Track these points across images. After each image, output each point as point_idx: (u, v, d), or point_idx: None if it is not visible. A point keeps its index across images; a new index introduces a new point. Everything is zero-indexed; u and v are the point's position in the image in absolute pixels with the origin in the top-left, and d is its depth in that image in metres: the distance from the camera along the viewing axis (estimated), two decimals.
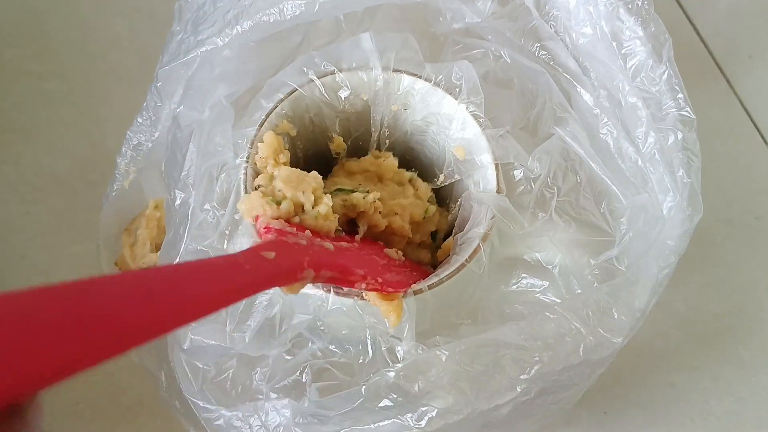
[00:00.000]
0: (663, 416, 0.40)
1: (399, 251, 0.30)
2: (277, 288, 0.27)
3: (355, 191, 0.29)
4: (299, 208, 0.26)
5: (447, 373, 0.25)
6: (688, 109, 0.29)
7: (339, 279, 0.25)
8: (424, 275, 0.28)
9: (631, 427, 0.40)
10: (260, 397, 0.27)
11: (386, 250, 0.30)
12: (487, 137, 0.30)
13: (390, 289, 0.26)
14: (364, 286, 0.25)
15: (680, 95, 0.29)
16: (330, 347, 0.28)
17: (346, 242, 0.28)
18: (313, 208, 0.26)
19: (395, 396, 0.25)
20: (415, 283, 0.27)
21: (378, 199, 0.29)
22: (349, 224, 0.30)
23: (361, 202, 0.29)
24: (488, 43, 0.33)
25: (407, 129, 0.34)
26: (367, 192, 0.29)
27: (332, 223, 0.27)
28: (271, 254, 0.22)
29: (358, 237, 0.29)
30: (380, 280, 0.25)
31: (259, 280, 0.21)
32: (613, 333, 0.26)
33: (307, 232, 0.26)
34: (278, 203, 0.26)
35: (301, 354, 0.27)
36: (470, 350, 0.25)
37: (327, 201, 0.26)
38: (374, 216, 0.29)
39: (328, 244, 0.26)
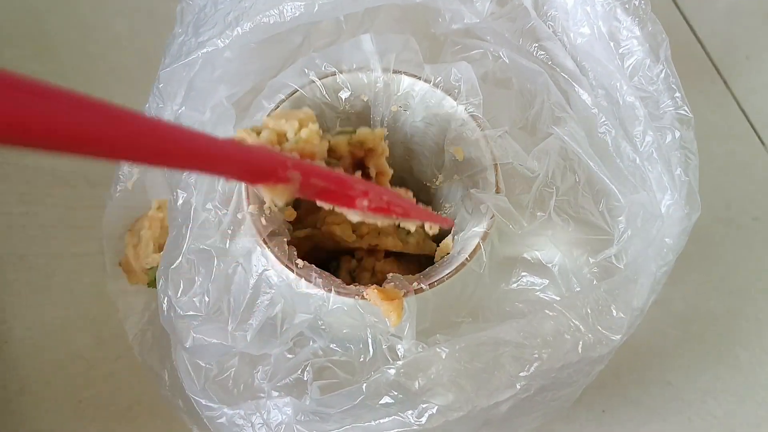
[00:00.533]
0: (661, 415, 0.40)
1: (408, 191, 0.26)
2: (278, 287, 0.27)
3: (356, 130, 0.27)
4: (283, 138, 0.24)
5: (447, 370, 0.25)
6: (685, 107, 0.29)
7: (335, 194, 0.22)
8: (437, 218, 0.25)
9: (629, 425, 0.40)
10: (262, 395, 0.27)
11: (395, 188, 0.26)
12: (486, 138, 0.30)
13: (399, 210, 0.23)
14: (365, 203, 0.22)
15: (677, 94, 0.29)
16: (331, 346, 0.28)
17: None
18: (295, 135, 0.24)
19: (396, 393, 0.25)
20: (427, 218, 0.24)
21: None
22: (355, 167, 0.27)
23: (369, 137, 0.26)
24: (487, 44, 0.33)
25: (407, 130, 0.34)
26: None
27: (316, 147, 0.24)
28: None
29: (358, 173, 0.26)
30: (386, 198, 0.23)
31: (226, 158, 0.19)
32: (611, 331, 0.26)
33: (295, 154, 0.23)
34: (258, 133, 0.24)
35: (302, 353, 0.28)
36: (470, 348, 0.25)
37: (312, 126, 0.24)
38: (380, 159, 0.26)
39: (321, 164, 0.24)
